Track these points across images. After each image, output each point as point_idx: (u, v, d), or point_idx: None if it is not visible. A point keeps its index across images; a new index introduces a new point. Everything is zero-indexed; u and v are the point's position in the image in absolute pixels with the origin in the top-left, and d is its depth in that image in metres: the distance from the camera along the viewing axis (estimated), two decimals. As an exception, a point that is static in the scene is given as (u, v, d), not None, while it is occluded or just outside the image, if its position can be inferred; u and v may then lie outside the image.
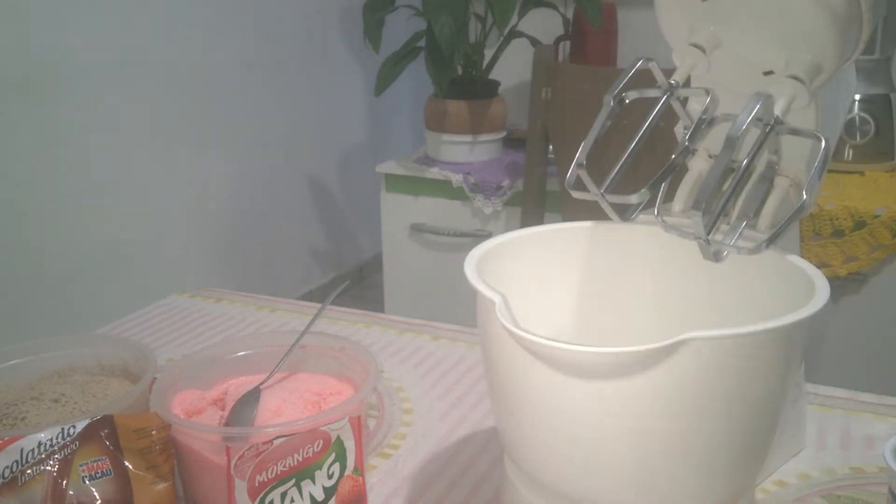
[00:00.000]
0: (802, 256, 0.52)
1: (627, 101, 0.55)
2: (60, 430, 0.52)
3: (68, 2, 1.84)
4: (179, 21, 2.14)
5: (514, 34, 1.96)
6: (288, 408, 0.60)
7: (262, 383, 0.63)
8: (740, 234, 0.52)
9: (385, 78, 1.87)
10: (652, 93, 0.55)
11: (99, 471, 0.52)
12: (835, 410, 0.72)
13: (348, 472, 0.56)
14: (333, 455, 0.55)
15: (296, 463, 0.53)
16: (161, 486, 0.54)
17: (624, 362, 0.42)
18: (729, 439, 0.45)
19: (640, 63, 0.55)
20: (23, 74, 1.76)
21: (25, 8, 1.75)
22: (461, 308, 0.99)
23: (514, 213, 1.87)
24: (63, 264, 1.91)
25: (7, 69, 1.73)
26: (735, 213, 0.56)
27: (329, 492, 0.55)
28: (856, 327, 1.56)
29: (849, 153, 1.71)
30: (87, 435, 0.52)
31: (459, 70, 1.97)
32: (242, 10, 2.35)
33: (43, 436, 0.51)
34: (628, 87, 0.54)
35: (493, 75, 2.04)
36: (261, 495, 0.52)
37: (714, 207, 0.50)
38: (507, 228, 1.86)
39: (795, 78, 0.51)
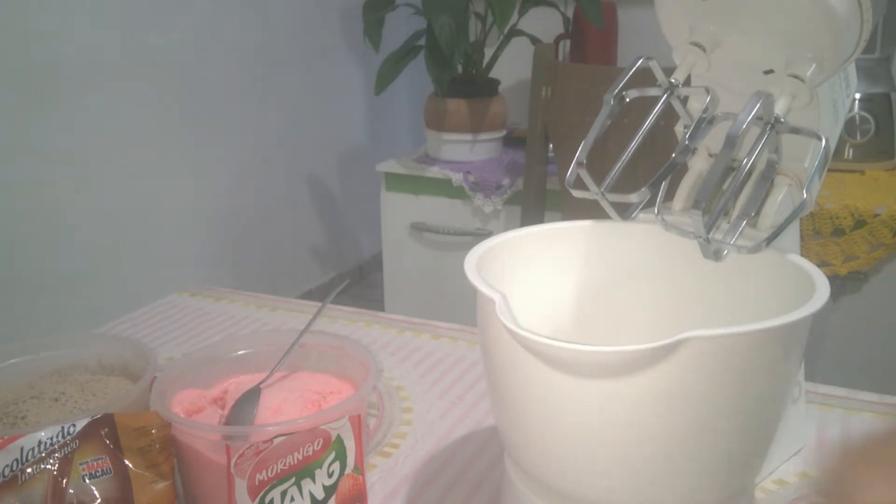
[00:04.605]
0: (802, 255, 0.52)
1: (627, 100, 0.55)
2: (60, 428, 0.52)
3: (68, 1, 1.84)
4: (179, 21, 2.14)
5: (514, 33, 1.96)
6: (288, 406, 0.60)
7: (262, 382, 0.63)
8: (740, 233, 0.52)
9: (385, 77, 1.87)
10: (652, 92, 0.55)
11: (99, 469, 0.52)
12: (835, 409, 0.72)
13: (348, 470, 0.56)
14: (333, 454, 0.55)
15: (296, 462, 0.53)
16: (161, 485, 0.54)
17: (624, 362, 0.42)
18: (729, 439, 0.45)
19: (640, 62, 0.54)
20: (23, 74, 1.76)
21: (25, 7, 1.75)
22: (461, 307, 0.99)
23: (514, 211, 1.87)
24: (63, 264, 1.91)
25: (7, 69, 1.73)
26: (735, 212, 0.56)
27: (329, 490, 0.55)
28: (856, 327, 1.56)
29: (849, 152, 1.71)
30: (88, 434, 0.52)
31: (459, 69, 1.97)
32: (242, 9, 2.35)
33: (43, 434, 0.51)
34: (628, 85, 0.54)
35: (493, 74, 2.03)
36: (261, 494, 0.52)
37: (714, 206, 0.50)
38: (508, 227, 1.86)
39: (796, 77, 0.51)
